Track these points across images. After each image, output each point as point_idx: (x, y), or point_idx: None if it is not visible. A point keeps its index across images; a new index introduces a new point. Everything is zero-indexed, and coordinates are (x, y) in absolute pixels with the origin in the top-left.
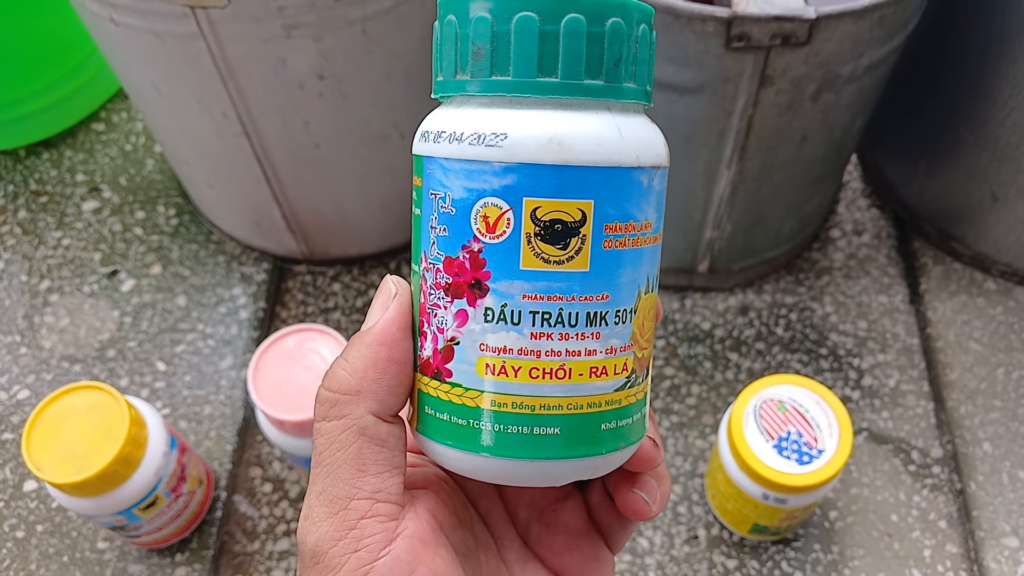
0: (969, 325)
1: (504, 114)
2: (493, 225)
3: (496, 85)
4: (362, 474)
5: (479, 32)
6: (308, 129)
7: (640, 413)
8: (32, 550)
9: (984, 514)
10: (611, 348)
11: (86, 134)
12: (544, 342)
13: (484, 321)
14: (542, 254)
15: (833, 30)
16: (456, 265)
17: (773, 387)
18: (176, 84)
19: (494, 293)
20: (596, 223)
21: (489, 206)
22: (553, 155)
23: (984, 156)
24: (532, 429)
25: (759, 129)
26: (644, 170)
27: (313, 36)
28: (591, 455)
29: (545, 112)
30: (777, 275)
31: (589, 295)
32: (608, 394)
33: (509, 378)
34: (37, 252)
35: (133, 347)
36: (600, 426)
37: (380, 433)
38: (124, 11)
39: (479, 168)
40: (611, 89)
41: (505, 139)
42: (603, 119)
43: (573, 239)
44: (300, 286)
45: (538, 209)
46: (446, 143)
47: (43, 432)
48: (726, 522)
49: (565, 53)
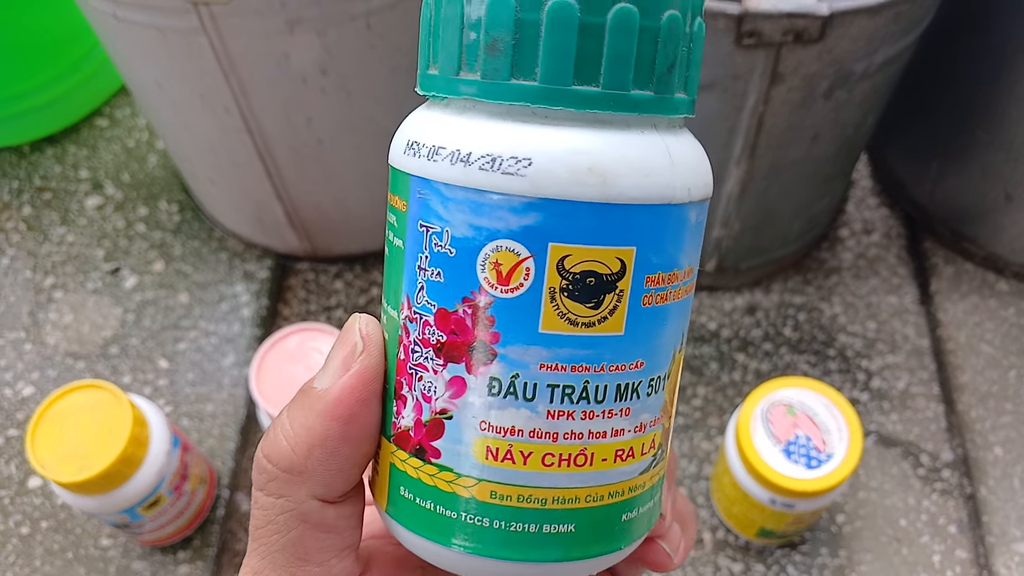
0: (981, 327)
1: (527, 132)
2: (507, 276)
3: (518, 92)
4: (304, 563)
5: (498, 18)
6: (311, 125)
7: (659, 491)
8: (37, 546)
9: (995, 519)
10: (640, 425)
11: (90, 130)
12: (563, 423)
13: (488, 394)
14: (568, 315)
15: (847, 26)
16: (453, 321)
17: (781, 390)
18: (178, 79)
19: (503, 361)
20: (636, 276)
21: (503, 251)
22: (592, 190)
23: (999, 156)
24: (540, 527)
25: (770, 127)
26: (694, 206)
27: (316, 31)
28: (607, 552)
29: (579, 132)
30: (785, 275)
31: (622, 364)
32: (632, 479)
33: (516, 466)
34: (42, 248)
35: (136, 344)
36: (621, 517)
37: (326, 519)
38: (127, 6)
39: (492, 201)
40: (662, 102)
41: (529, 166)
42: (650, 142)
43: (608, 296)
44: (303, 283)
45: (567, 258)
46: (447, 164)
47: (47, 430)
48: (732, 525)
49: (611, 54)
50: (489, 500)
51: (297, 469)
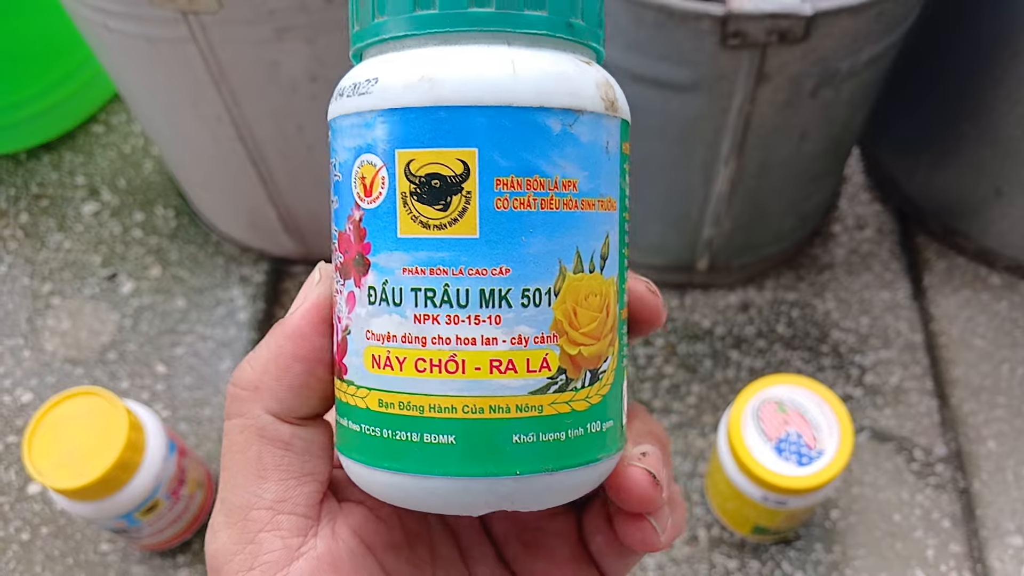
0: (973, 321)
1: (382, 59)
2: (370, 186)
3: (374, 29)
4: (262, 480)
5: None
6: (302, 131)
7: (582, 429)
8: (37, 552)
9: (988, 513)
10: (519, 337)
11: (86, 137)
12: (430, 327)
13: (368, 303)
14: (420, 217)
15: (831, 26)
16: (344, 240)
17: (772, 387)
18: (169, 88)
19: (375, 269)
20: (483, 177)
21: (365, 164)
22: (423, 95)
23: (987, 151)
24: (421, 436)
25: (757, 126)
26: (553, 112)
27: (305, 39)
28: (498, 474)
29: (424, 50)
30: (778, 271)
31: (482, 267)
32: (520, 396)
33: (394, 371)
34: (39, 255)
35: (133, 349)
36: (511, 438)
37: (281, 434)
38: (117, 17)
39: (355, 121)
40: (506, 17)
41: (376, 83)
42: (492, 52)
43: (455, 197)
44: (298, 287)
45: (412, 162)
46: (335, 100)
47: (44, 437)
48: (726, 522)
49: None
50: (378, 409)
51: (253, 385)
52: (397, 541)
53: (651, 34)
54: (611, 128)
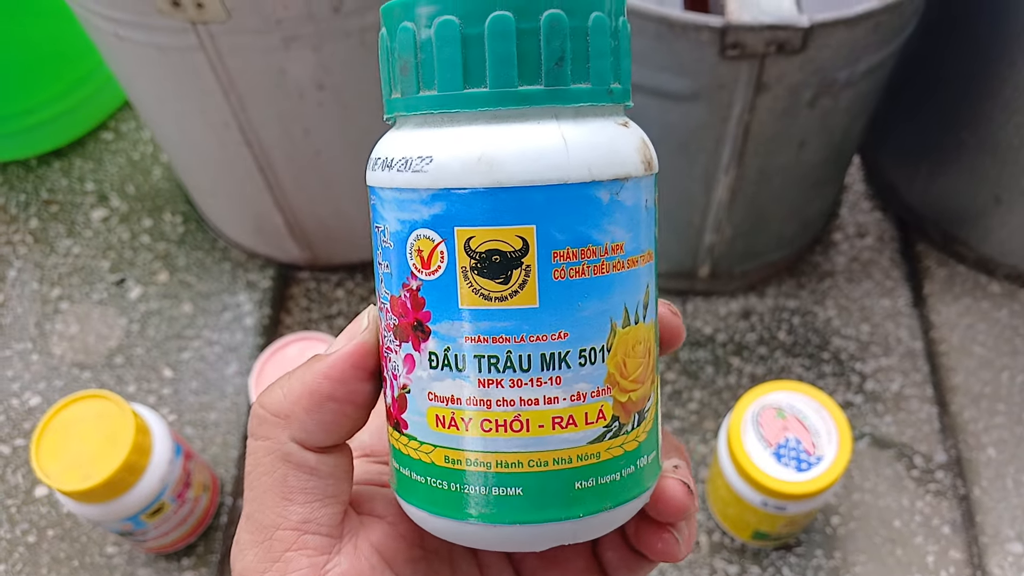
0: (973, 328)
1: (431, 134)
2: (428, 260)
3: (422, 102)
4: (288, 502)
5: (404, 43)
6: (308, 137)
7: (634, 466)
8: (43, 554)
9: (988, 519)
10: (578, 394)
11: (95, 143)
12: (494, 390)
13: (430, 367)
14: (481, 290)
15: (828, 37)
16: (399, 305)
17: (772, 394)
18: (178, 95)
19: (436, 336)
20: (542, 251)
21: (422, 239)
22: (482, 176)
23: (986, 159)
24: (491, 490)
25: (756, 135)
26: (602, 184)
27: (312, 47)
28: (564, 519)
29: (475, 128)
30: (779, 278)
31: (542, 335)
32: (580, 447)
33: (460, 432)
34: (48, 260)
35: (140, 354)
36: (574, 485)
37: (307, 461)
38: (127, 26)
39: (408, 197)
40: (555, 94)
41: (430, 162)
42: (544, 129)
43: (515, 271)
44: (304, 292)
45: (471, 239)
46: (380, 171)
47: (51, 440)
48: (727, 528)
49: (492, 57)
50: (444, 464)
51: (284, 413)
52: (416, 556)
53: (652, 45)
54: (648, 186)
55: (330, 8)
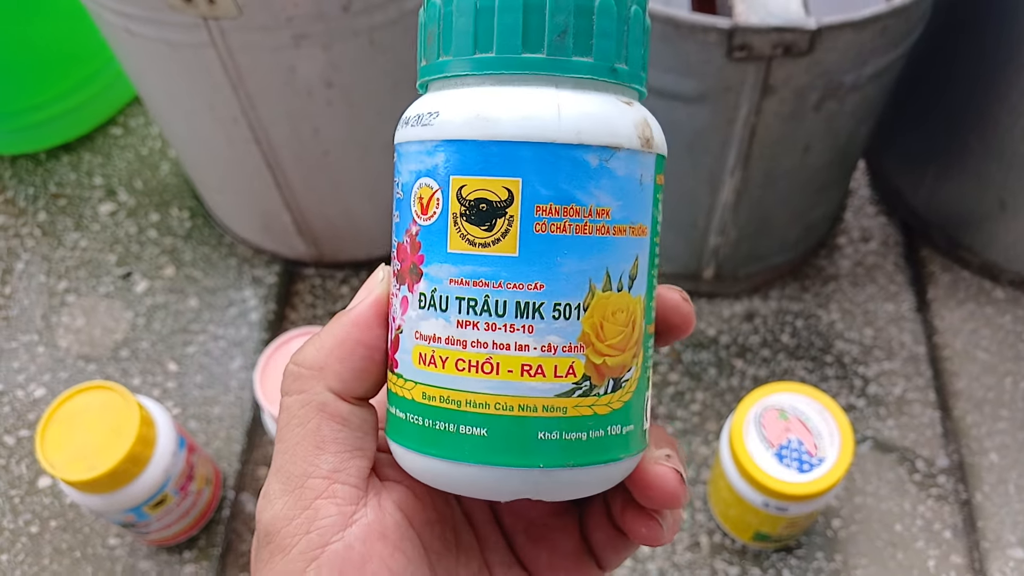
0: (977, 334)
1: (444, 95)
2: (426, 206)
3: (439, 67)
4: (320, 451)
5: (430, 16)
6: (317, 135)
7: (603, 431)
8: (45, 545)
9: (990, 525)
10: (549, 345)
11: (104, 138)
12: (470, 331)
13: (419, 307)
14: (468, 236)
15: (835, 40)
16: (402, 250)
17: (774, 395)
18: (188, 91)
19: (426, 278)
20: (525, 203)
21: (423, 187)
22: (478, 130)
23: (992, 164)
24: (458, 427)
25: (762, 138)
26: (591, 148)
27: (321, 45)
28: (524, 466)
29: (481, 88)
30: (783, 282)
31: (519, 282)
32: (546, 398)
33: (437, 368)
34: (56, 253)
35: (146, 347)
36: (537, 434)
37: (340, 411)
38: (139, 21)
39: (417, 149)
40: (555, 63)
41: (436, 116)
42: (540, 93)
43: (499, 220)
44: (309, 289)
45: (463, 188)
46: (401, 128)
47: (56, 430)
48: (728, 529)
49: (500, 27)
50: (422, 400)
51: (318, 365)
52: (432, 519)
53: (659, 46)
54: (646, 163)
55: (339, 7)
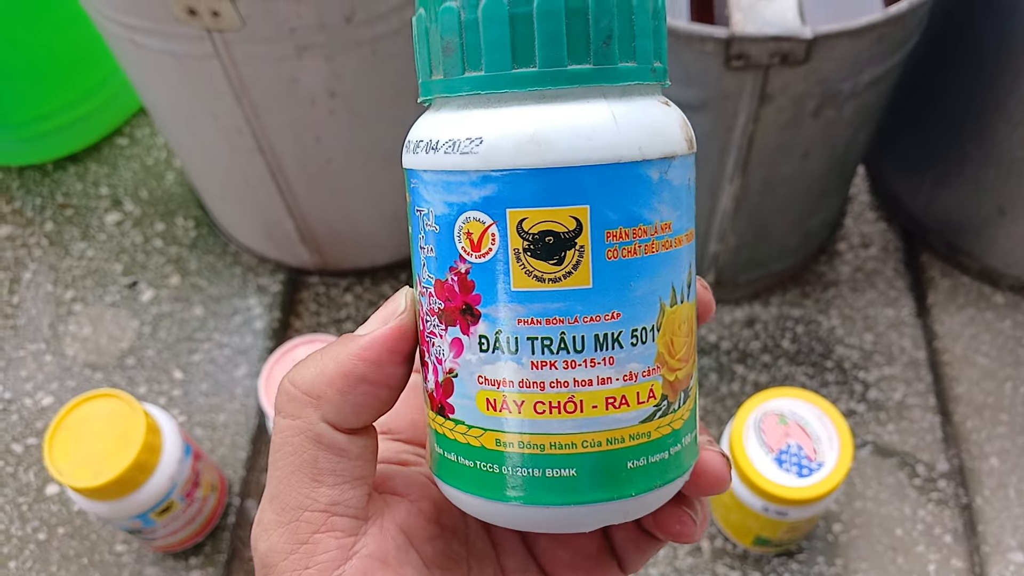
0: (977, 339)
1: (479, 115)
2: (478, 242)
3: (469, 83)
4: (317, 484)
5: (447, 24)
6: (320, 144)
7: (680, 444)
8: (53, 552)
9: (990, 529)
10: (630, 374)
11: (110, 148)
12: (547, 372)
13: (479, 351)
14: (535, 272)
15: (831, 49)
16: (446, 289)
17: (774, 400)
18: (192, 101)
19: (487, 320)
20: (595, 231)
21: (471, 221)
22: (534, 157)
23: (990, 171)
24: (543, 471)
25: (760, 145)
26: (652, 163)
27: (324, 56)
28: (617, 498)
29: (525, 108)
30: (784, 288)
31: (595, 315)
32: (632, 427)
33: (512, 414)
34: (63, 263)
35: (152, 356)
36: (626, 465)
37: (337, 442)
38: (144, 33)
39: (457, 179)
40: (603, 72)
41: (480, 144)
42: (594, 108)
43: (569, 252)
44: (313, 297)
45: (524, 221)
46: (424, 153)
47: (64, 438)
48: (729, 534)
49: (542, 37)
50: (495, 448)
51: (316, 393)
52: (435, 533)
53: None
54: (691, 165)
55: (342, 18)
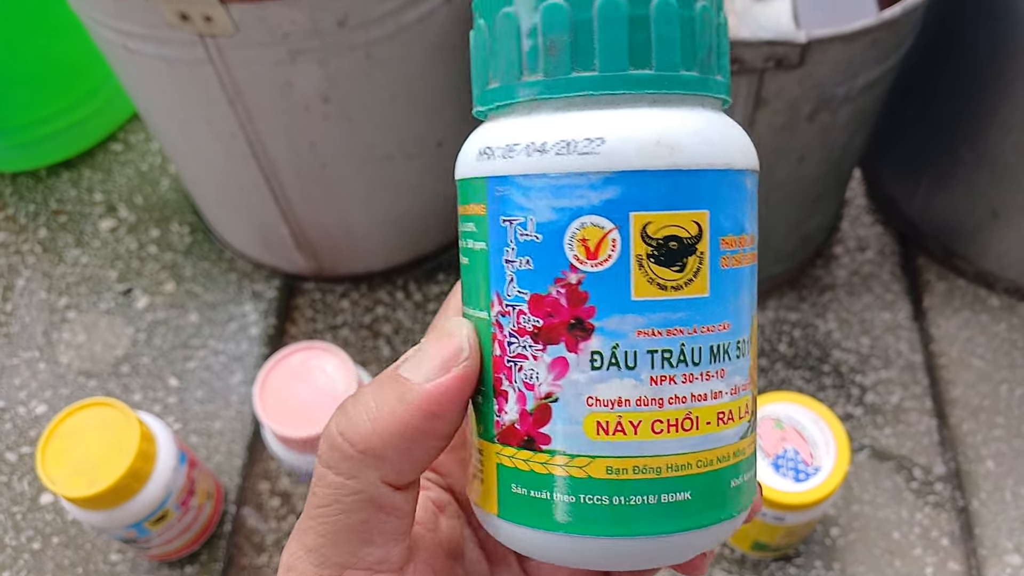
0: (972, 342)
1: (596, 115)
2: (595, 249)
3: (580, 83)
4: (366, 544)
5: (554, 22)
6: (314, 149)
7: (755, 462)
8: (48, 562)
9: (987, 532)
10: (735, 388)
11: (105, 154)
12: (667, 387)
13: (591, 369)
14: (657, 280)
15: (825, 53)
16: (547, 303)
17: (769, 405)
18: (186, 107)
19: (601, 333)
20: (712, 238)
21: (588, 227)
22: (662, 159)
23: (984, 175)
24: (660, 497)
25: (755, 149)
26: (747, 174)
27: (318, 61)
28: (723, 520)
29: (643, 110)
30: (780, 292)
31: (711, 325)
32: (735, 444)
33: (628, 437)
34: (56, 270)
35: (147, 363)
36: (730, 483)
37: (394, 503)
38: (136, 38)
39: (572, 182)
40: (705, 82)
41: (603, 144)
42: (706, 116)
43: (690, 258)
44: (309, 303)
45: (649, 225)
46: (523, 156)
47: (57, 447)
48: (727, 539)
49: (659, 41)
50: (606, 476)
51: (375, 452)
52: (450, 566)
53: None
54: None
55: (335, 22)
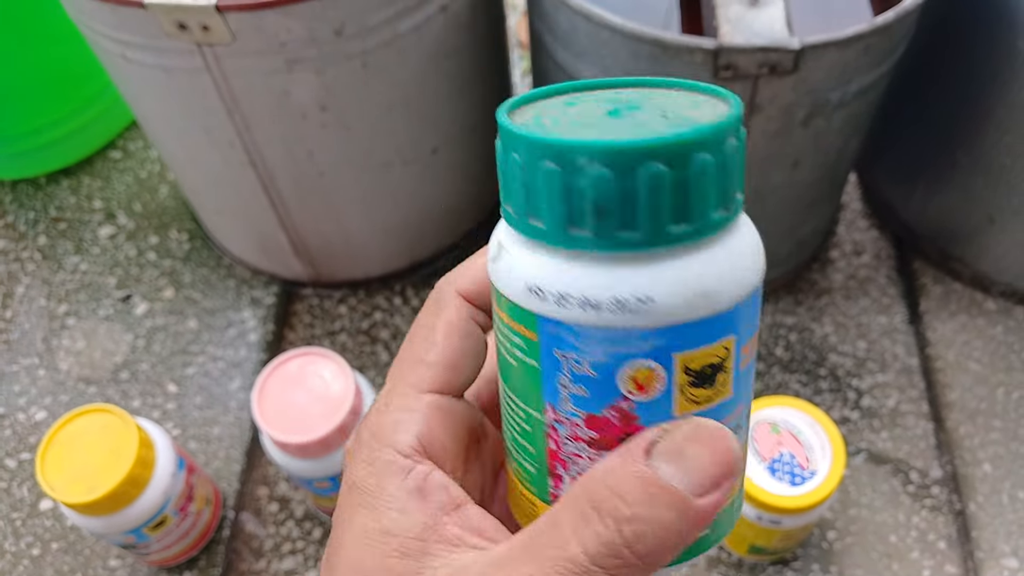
0: (969, 345)
1: (643, 273)
2: (644, 385)
3: (627, 242)
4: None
5: (601, 192)
6: (312, 157)
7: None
8: (47, 567)
9: (984, 535)
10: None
11: (104, 162)
12: None
13: None
14: (694, 398)
15: (819, 59)
16: (602, 421)
17: (765, 409)
18: (184, 115)
19: None
20: (737, 351)
21: (640, 369)
22: (703, 311)
23: (979, 179)
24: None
25: (750, 155)
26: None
27: (315, 70)
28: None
29: (683, 261)
30: (776, 296)
31: (731, 415)
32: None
33: None
34: (56, 277)
35: (146, 369)
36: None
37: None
38: (135, 48)
39: (623, 334)
40: (734, 214)
41: (652, 303)
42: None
43: (720, 375)
44: (307, 309)
45: (691, 361)
46: (577, 310)
47: (56, 453)
48: (724, 542)
49: (695, 196)
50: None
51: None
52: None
53: (647, 67)
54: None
55: (332, 31)
